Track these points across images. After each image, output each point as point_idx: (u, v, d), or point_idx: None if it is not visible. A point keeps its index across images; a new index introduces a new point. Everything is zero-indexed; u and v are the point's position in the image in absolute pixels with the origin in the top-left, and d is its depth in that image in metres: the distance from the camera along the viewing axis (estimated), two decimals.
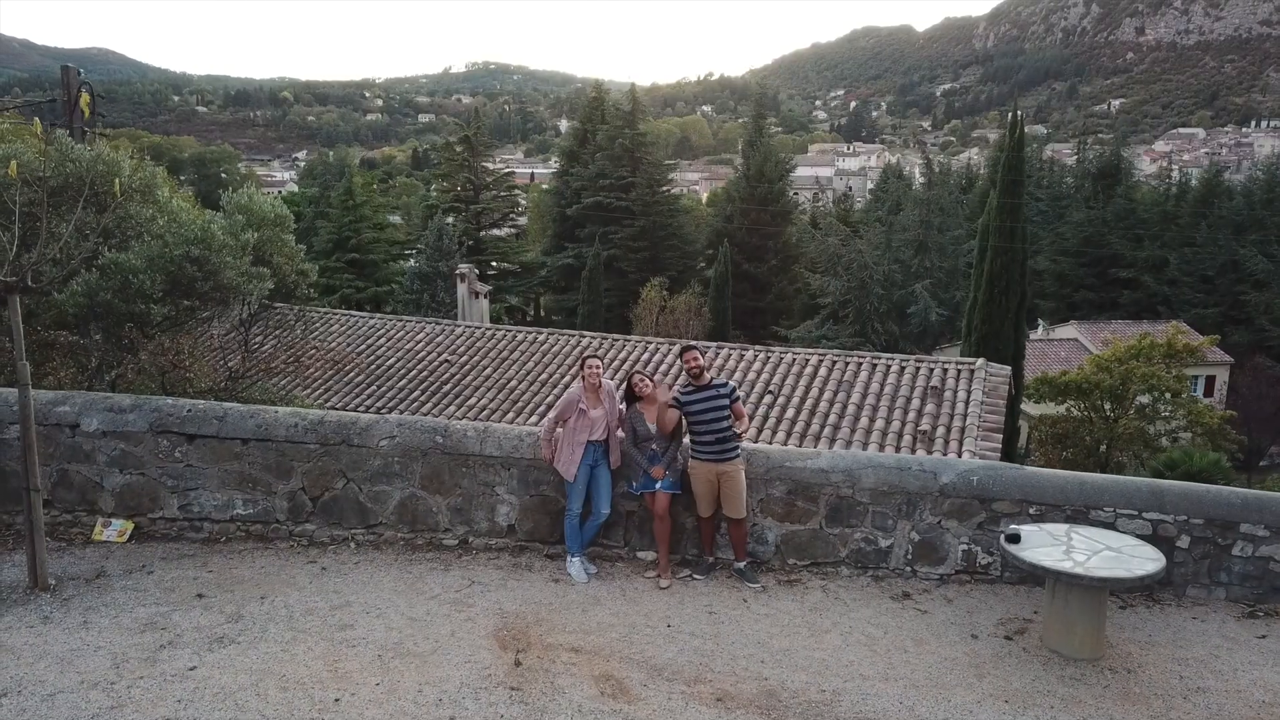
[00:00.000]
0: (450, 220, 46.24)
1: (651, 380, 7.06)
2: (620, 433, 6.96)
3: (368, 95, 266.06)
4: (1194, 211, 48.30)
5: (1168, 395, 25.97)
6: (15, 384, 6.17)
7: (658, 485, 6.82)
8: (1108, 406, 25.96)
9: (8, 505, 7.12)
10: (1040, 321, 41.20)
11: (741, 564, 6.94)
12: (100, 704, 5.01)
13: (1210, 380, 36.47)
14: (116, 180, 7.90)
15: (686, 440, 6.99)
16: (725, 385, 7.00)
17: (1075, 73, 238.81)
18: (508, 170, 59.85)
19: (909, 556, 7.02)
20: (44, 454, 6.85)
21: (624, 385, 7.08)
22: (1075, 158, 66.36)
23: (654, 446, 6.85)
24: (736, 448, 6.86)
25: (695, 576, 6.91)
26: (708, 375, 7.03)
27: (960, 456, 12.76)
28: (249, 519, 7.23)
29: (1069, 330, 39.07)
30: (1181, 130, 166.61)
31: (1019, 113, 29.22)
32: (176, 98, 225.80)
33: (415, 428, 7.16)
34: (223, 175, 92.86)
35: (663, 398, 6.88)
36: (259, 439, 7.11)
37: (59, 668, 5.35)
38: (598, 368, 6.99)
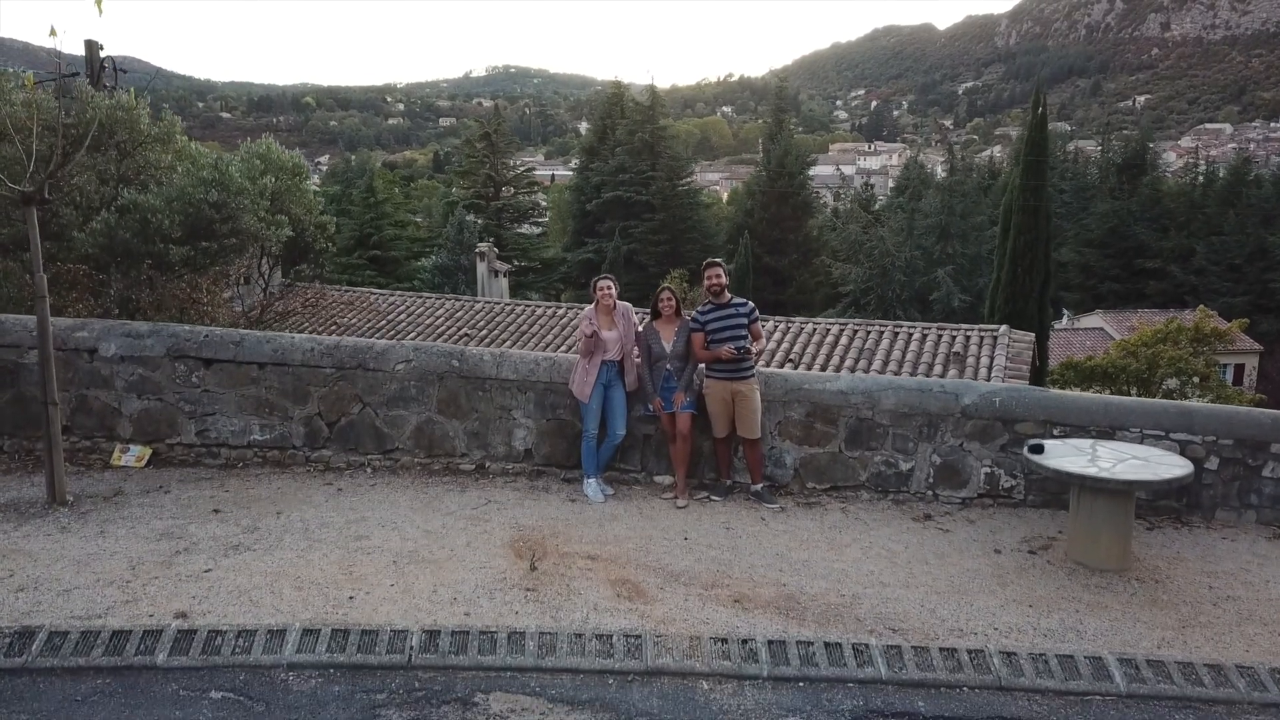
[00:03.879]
0: (471, 217, 46.30)
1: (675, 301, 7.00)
2: (636, 354, 6.91)
3: (389, 100, 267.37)
4: (1221, 200, 47.57)
5: (1195, 379, 25.52)
6: (34, 298, 6.21)
7: (678, 407, 6.75)
8: (1134, 391, 25.54)
9: (29, 431, 7.15)
10: (1066, 312, 40.70)
11: (759, 486, 6.86)
12: (115, 599, 5.01)
13: (1240, 368, 35.85)
14: (141, 117, 7.93)
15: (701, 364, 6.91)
16: (745, 304, 6.93)
17: (1099, 69, 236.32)
18: (528, 169, 59.91)
19: (930, 480, 6.92)
20: (63, 379, 6.87)
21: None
22: (1100, 150, 65.54)
23: (668, 366, 6.79)
24: (752, 367, 6.79)
25: (713, 498, 6.84)
26: (727, 294, 6.95)
27: None
28: (266, 444, 7.23)
29: (1094, 320, 38.57)
30: (1208, 126, 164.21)
31: (1043, 94, 28.87)
32: (201, 104, 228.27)
33: (431, 352, 7.13)
34: None
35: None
36: (275, 363, 7.11)
37: (75, 569, 5.35)
38: (609, 289, 6.94)
